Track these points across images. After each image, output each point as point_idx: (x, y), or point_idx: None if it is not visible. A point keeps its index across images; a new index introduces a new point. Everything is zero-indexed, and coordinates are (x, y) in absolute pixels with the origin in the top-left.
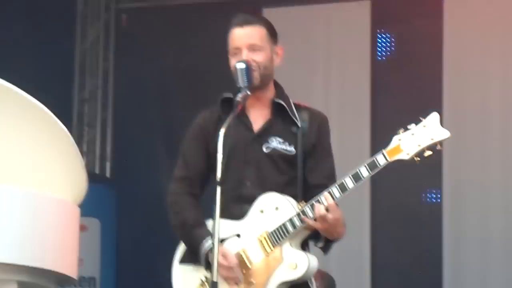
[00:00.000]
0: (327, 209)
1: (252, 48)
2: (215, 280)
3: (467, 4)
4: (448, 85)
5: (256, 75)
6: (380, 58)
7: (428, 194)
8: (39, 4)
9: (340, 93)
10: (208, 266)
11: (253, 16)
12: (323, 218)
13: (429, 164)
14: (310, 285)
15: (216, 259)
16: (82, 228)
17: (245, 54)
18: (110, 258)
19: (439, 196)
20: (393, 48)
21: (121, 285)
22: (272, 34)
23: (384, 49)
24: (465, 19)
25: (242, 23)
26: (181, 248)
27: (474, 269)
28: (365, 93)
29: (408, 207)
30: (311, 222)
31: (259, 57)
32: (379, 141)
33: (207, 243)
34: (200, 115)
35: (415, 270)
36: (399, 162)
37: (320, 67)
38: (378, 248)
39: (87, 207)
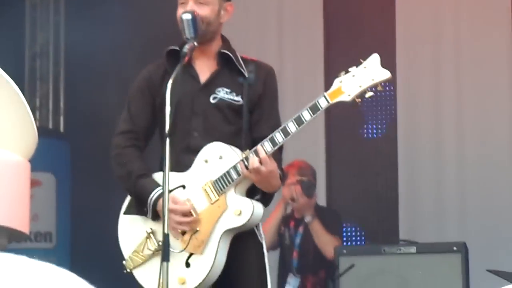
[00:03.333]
0: (260, 162)
1: (198, 1)
2: (166, 232)
3: None
4: (401, 35)
5: (200, 26)
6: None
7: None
8: None
9: (293, 42)
10: (156, 216)
11: None
12: (256, 171)
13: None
14: (257, 233)
15: (166, 210)
16: (37, 183)
17: (190, 6)
18: (65, 213)
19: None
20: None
21: (77, 239)
22: None
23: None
24: None
25: None
26: (127, 200)
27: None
28: (319, 40)
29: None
30: (245, 172)
31: (203, 11)
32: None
33: (154, 193)
34: (146, 68)
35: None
36: (341, 103)
37: (272, 17)
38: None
39: (41, 162)
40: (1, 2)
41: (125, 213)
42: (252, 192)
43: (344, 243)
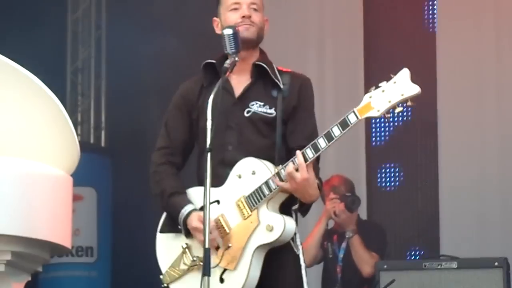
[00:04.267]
0: (296, 169)
1: (252, 6)
2: (207, 246)
3: None
4: (442, 47)
5: (253, 30)
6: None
7: None
8: None
9: (334, 57)
10: (188, 233)
11: None
12: (291, 177)
13: None
14: (293, 246)
15: (208, 225)
16: (78, 198)
17: (246, 9)
18: (106, 227)
19: None
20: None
21: (117, 254)
22: (263, 5)
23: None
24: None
25: None
26: (162, 218)
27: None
28: (359, 52)
29: None
30: (280, 183)
31: (257, 16)
32: None
33: (185, 210)
34: (183, 85)
35: None
36: (371, 118)
37: (312, 29)
38: None
39: (83, 177)
40: (43, 17)
41: (160, 231)
42: (288, 205)
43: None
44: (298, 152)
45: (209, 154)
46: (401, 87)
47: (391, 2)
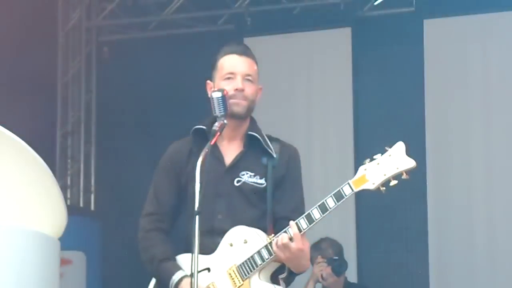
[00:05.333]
0: (290, 239)
1: (247, 78)
2: None
3: (447, 29)
4: (430, 110)
5: (244, 105)
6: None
7: None
8: (19, 37)
9: (322, 122)
10: None
11: (249, 49)
12: (285, 247)
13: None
14: None
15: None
16: (67, 262)
17: (240, 82)
18: None
19: None
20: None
21: None
22: (258, 73)
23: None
24: (445, 44)
25: (241, 52)
26: (151, 283)
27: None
28: (348, 121)
29: None
30: (274, 247)
31: (250, 89)
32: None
33: (176, 277)
34: (171, 147)
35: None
36: (366, 192)
37: (302, 96)
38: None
39: (72, 241)
40: (33, 80)
41: None
42: (276, 273)
43: None
44: (292, 223)
45: (197, 217)
46: (396, 160)
47: (381, 65)
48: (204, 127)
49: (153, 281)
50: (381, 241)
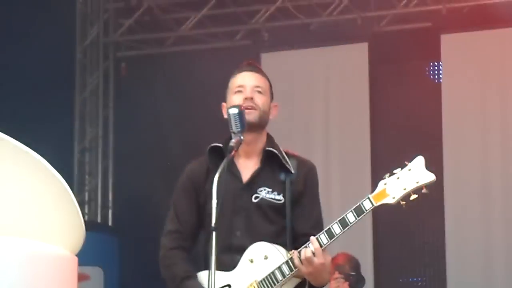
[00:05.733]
0: (313, 253)
1: (256, 89)
2: None
3: (464, 44)
4: (447, 124)
5: (255, 114)
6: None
7: None
8: (37, 52)
9: (340, 137)
10: None
11: (259, 68)
12: (308, 261)
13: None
14: None
15: None
16: (85, 277)
17: (249, 91)
18: None
19: None
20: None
21: None
22: (271, 91)
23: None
24: (462, 58)
25: (250, 69)
26: None
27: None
28: (365, 135)
29: None
30: (297, 262)
31: (261, 99)
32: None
33: None
34: (189, 167)
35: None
36: (386, 206)
37: (319, 111)
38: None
39: (90, 256)
40: (51, 97)
41: None
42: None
43: None
44: (313, 239)
45: (214, 234)
46: (416, 174)
47: (397, 79)
48: (220, 145)
49: None
50: (398, 256)
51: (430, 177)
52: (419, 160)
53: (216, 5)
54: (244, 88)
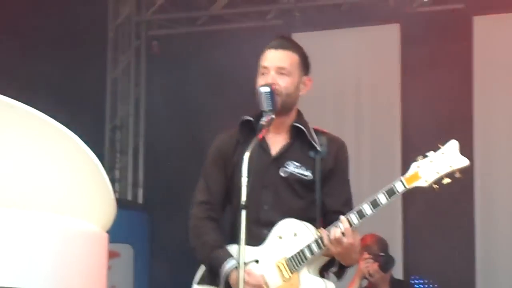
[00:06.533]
0: (343, 233)
1: (280, 71)
2: None
3: (497, 26)
4: (479, 108)
5: (277, 99)
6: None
7: None
8: (70, 31)
9: (371, 118)
10: (228, 287)
11: (290, 41)
12: (338, 241)
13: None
14: None
15: (242, 281)
16: (115, 254)
17: (272, 76)
18: (143, 284)
19: None
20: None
21: None
22: (304, 64)
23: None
24: (495, 40)
25: (276, 46)
26: (200, 270)
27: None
28: (396, 116)
29: None
30: (326, 241)
31: (284, 82)
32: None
33: (228, 264)
34: (218, 138)
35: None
36: (418, 189)
37: (350, 91)
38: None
39: (120, 234)
40: (82, 75)
41: (198, 283)
42: (327, 266)
43: None
44: (343, 218)
45: (243, 212)
46: (449, 158)
47: (429, 61)
48: (251, 119)
49: (201, 269)
50: (428, 238)
51: (464, 161)
52: (453, 144)
53: None
54: (268, 70)
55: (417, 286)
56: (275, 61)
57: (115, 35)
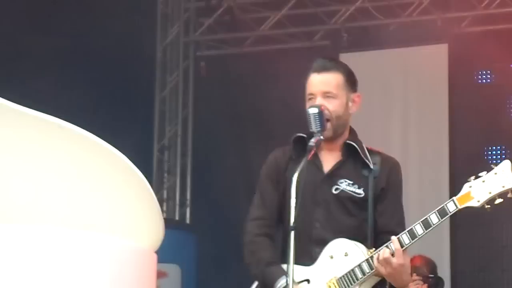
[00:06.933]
0: (392, 254)
1: (326, 95)
2: None
3: None
4: None
5: (328, 125)
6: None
7: None
8: (120, 51)
9: (418, 138)
10: None
11: (332, 62)
12: (386, 262)
13: None
14: None
15: None
16: (163, 274)
17: (318, 100)
18: None
19: None
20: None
21: None
22: (350, 81)
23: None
24: None
25: (319, 69)
26: (254, 285)
27: None
28: (444, 138)
29: None
30: (375, 262)
31: (332, 105)
32: (458, 186)
33: (280, 282)
34: (272, 154)
35: None
36: (470, 209)
37: (397, 112)
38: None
39: (168, 254)
40: (131, 96)
41: None
42: (376, 287)
43: None
44: (395, 238)
45: (292, 233)
46: (502, 178)
47: (477, 82)
48: (305, 136)
49: (255, 283)
50: (476, 259)
51: None
52: (506, 164)
53: (295, 5)
54: (315, 96)
55: None
56: (320, 86)
57: (163, 55)
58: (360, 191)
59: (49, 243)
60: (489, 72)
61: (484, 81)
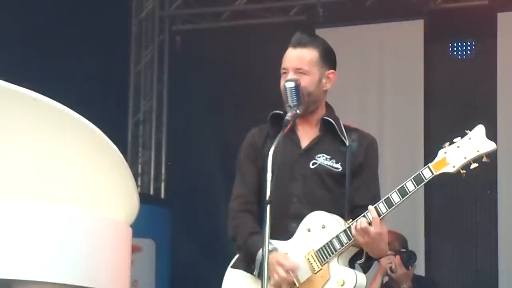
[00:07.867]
0: (369, 223)
1: (298, 71)
2: None
3: None
4: (503, 101)
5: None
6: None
7: None
8: (93, 26)
9: (394, 112)
10: (260, 274)
11: (310, 37)
12: (364, 231)
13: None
14: None
15: (265, 273)
16: (137, 249)
17: (291, 76)
18: (164, 279)
19: None
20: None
21: None
22: (326, 58)
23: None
24: None
25: (295, 44)
26: (236, 256)
27: None
28: (419, 112)
29: None
30: (353, 231)
31: (303, 82)
32: (433, 154)
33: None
34: (250, 133)
35: None
36: (445, 175)
37: (373, 87)
38: None
39: (142, 228)
40: (106, 70)
41: (232, 266)
42: (354, 257)
43: None
44: (372, 208)
45: (268, 207)
46: (476, 143)
47: (453, 58)
48: (281, 112)
49: (234, 259)
50: (450, 234)
51: (491, 145)
52: (480, 129)
53: None
54: (287, 71)
55: None
56: (293, 62)
57: (138, 30)
58: (338, 165)
59: (21, 217)
60: (463, 46)
61: (460, 56)
